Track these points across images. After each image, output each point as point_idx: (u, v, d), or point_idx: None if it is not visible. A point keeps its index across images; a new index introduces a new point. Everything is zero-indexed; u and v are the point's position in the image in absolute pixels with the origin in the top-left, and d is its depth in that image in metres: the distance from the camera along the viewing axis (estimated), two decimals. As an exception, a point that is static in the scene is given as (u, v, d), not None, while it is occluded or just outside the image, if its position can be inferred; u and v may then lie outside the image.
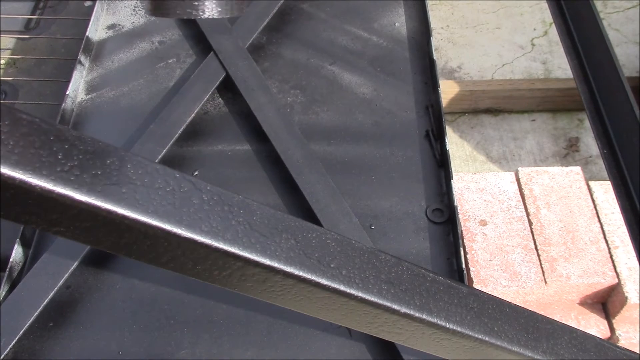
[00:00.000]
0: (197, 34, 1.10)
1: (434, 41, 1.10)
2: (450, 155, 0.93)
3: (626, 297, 1.36)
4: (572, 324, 1.42)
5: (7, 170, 0.28)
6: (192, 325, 0.79)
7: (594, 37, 0.82)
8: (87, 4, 1.34)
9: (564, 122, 2.25)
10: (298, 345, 0.78)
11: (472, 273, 1.38)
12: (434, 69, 1.04)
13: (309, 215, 0.84)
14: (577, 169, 1.56)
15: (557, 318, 0.93)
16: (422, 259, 0.85)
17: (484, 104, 2.25)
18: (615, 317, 1.42)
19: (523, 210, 1.49)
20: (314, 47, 1.10)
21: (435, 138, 0.97)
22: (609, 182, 1.13)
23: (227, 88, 1.03)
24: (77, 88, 1.06)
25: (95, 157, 0.31)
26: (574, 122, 2.25)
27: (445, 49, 2.47)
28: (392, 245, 0.86)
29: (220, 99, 1.03)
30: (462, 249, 0.83)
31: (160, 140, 0.92)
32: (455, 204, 0.88)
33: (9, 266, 0.83)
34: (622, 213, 0.71)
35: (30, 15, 1.35)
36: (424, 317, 0.42)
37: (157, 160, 0.90)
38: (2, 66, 1.28)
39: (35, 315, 0.78)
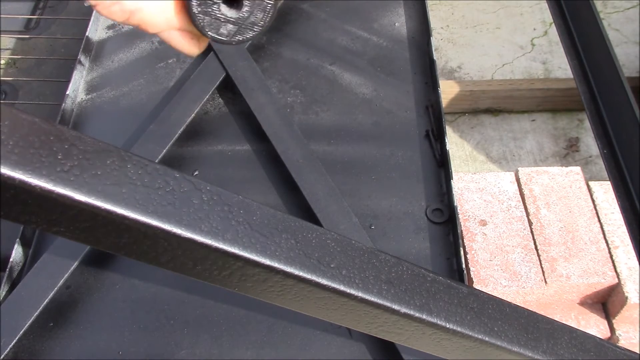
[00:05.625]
0: (197, 34, 1.10)
1: (434, 41, 1.10)
2: (450, 155, 0.93)
3: (626, 297, 1.36)
4: (572, 324, 1.42)
5: (7, 170, 0.28)
6: (192, 325, 0.79)
7: (594, 37, 0.82)
8: (87, 4, 1.34)
9: (564, 122, 2.25)
10: (298, 345, 0.78)
11: (472, 273, 1.38)
12: (434, 69, 1.04)
13: (309, 215, 0.84)
14: (577, 169, 1.56)
15: (557, 318, 0.93)
16: (422, 259, 0.85)
17: (484, 104, 2.25)
18: (615, 317, 1.42)
19: (523, 210, 1.49)
20: (314, 47, 1.10)
21: (435, 138, 0.97)
22: (609, 182, 1.13)
23: (227, 88, 1.03)
24: (77, 88, 1.06)
25: (95, 157, 0.31)
26: (574, 122, 2.25)
27: (445, 49, 2.47)
28: (392, 245, 0.86)
29: (220, 99, 1.03)
30: (462, 249, 0.83)
31: (160, 140, 0.92)
32: (455, 204, 0.88)
33: (9, 266, 0.83)
34: (622, 213, 0.71)
35: (30, 15, 1.35)
36: (424, 317, 0.42)
37: (157, 160, 0.90)
38: (2, 66, 1.28)
39: (35, 315, 0.78)
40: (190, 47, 0.42)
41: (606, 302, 1.45)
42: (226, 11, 0.37)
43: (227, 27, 0.38)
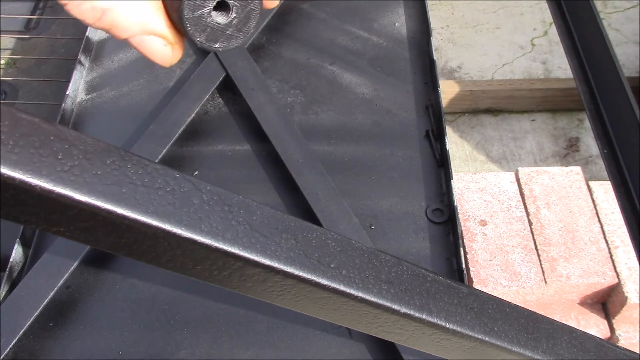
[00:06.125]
0: (197, 34, 1.10)
1: (434, 41, 1.10)
2: (450, 155, 0.93)
3: (626, 297, 1.36)
4: (572, 324, 1.42)
5: (7, 170, 0.28)
6: (192, 325, 0.79)
7: (594, 37, 0.82)
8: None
9: (564, 122, 2.25)
10: (298, 345, 0.78)
11: (472, 273, 1.39)
12: (434, 69, 1.04)
13: (309, 215, 0.84)
14: (577, 169, 1.56)
15: (557, 318, 0.93)
16: (422, 259, 0.85)
17: (484, 104, 2.25)
18: (615, 317, 1.42)
19: (523, 210, 1.49)
20: (314, 47, 1.10)
21: (435, 138, 0.97)
22: (609, 182, 1.13)
23: (227, 88, 1.03)
24: (77, 88, 1.06)
25: (95, 157, 0.31)
26: (574, 122, 2.25)
27: (445, 49, 2.47)
28: (392, 245, 0.86)
29: (220, 99, 1.03)
30: (462, 249, 0.83)
31: (160, 140, 0.92)
32: (455, 204, 0.88)
33: (9, 266, 0.83)
34: (622, 213, 0.71)
35: (30, 15, 1.35)
36: (424, 317, 0.42)
37: (157, 160, 0.90)
38: (2, 66, 1.28)
39: (35, 315, 0.78)
40: (163, 55, 0.38)
41: (606, 302, 1.45)
42: (215, 16, 0.37)
43: (214, 33, 0.37)
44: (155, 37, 0.37)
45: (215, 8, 0.36)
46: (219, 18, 0.37)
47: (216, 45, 0.38)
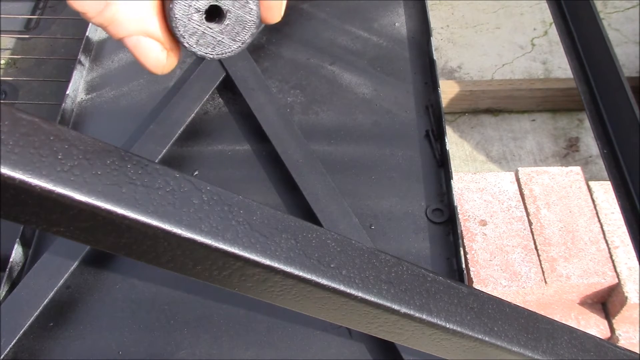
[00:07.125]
0: (197, 34, 1.10)
1: (434, 41, 1.10)
2: (450, 155, 0.93)
3: (626, 297, 1.36)
4: (572, 324, 1.42)
5: (7, 171, 0.28)
6: (192, 325, 0.79)
7: (594, 37, 0.82)
8: None
9: (564, 122, 2.25)
10: (298, 345, 0.78)
11: (472, 273, 1.39)
12: (434, 69, 1.04)
13: (309, 215, 0.84)
14: (577, 169, 1.56)
15: (557, 318, 0.93)
16: (422, 259, 0.85)
17: (484, 104, 2.25)
18: (615, 317, 1.42)
19: (523, 210, 1.49)
20: (314, 47, 1.10)
21: (435, 138, 0.97)
22: (609, 182, 1.13)
23: (227, 88, 1.03)
24: (77, 88, 1.06)
25: (95, 157, 0.31)
26: (574, 122, 2.25)
27: (445, 49, 2.47)
28: (392, 245, 0.86)
29: (220, 99, 1.03)
30: (462, 249, 0.83)
31: (160, 140, 0.92)
32: (455, 204, 0.88)
33: (9, 266, 0.83)
34: (622, 213, 0.71)
35: (30, 15, 1.35)
36: (424, 317, 0.42)
37: (157, 160, 0.90)
38: (2, 66, 1.28)
39: (35, 315, 0.78)
40: (158, 60, 0.37)
41: (606, 302, 1.45)
42: (208, 21, 0.36)
43: (205, 38, 0.36)
44: (152, 40, 0.36)
45: (209, 13, 0.36)
46: (212, 23, 0.36)
47: (207, 51, 0.37)
